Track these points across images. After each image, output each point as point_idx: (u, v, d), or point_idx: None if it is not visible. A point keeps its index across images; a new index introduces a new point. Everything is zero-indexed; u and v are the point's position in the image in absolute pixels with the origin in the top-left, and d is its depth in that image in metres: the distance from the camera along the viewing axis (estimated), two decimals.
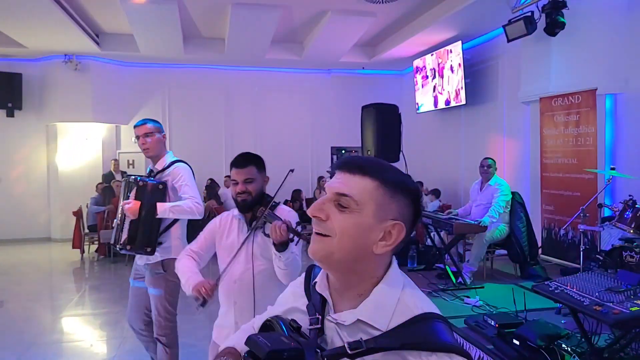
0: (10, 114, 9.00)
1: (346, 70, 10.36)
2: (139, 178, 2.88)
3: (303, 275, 1.05)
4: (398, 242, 0.87)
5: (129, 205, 2.79)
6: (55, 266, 7.96)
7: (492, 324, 2.97)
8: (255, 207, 2.07)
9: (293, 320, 0.92)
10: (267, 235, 1.93)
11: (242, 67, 10.04)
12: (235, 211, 2.16)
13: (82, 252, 7.96)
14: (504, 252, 4.99)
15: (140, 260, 2.98)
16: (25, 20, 6.73)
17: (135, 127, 2.98)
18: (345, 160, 0.90)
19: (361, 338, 0.82)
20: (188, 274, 2.10)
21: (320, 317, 0.91)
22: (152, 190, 2.84)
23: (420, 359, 0.80)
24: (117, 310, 5.16)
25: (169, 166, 2.97)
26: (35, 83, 9.12)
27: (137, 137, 2.97)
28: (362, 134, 5.95)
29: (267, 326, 0.97)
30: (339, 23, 7.47)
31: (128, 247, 2.85)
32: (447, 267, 4.43)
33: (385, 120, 5.67)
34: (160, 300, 2.92)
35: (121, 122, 9.64)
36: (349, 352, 0.80)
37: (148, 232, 2.82)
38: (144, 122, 2.98)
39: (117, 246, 2.93)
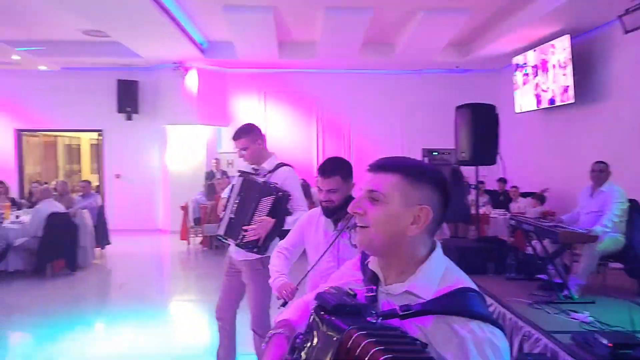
0: (128, 118, 10.00)
1: (438, 70, 10.11)
2: (270, 184, 2.88)
3: (358, 256, 1.22)
4: (428, 223, 1.01)
5: (264, 224, 2.81)
6: (165, 255, 8.74)
7: (605, 343, 2.75)
8: (341, 212, 2.18)
9: (350, 289, 1.05)
10: (355, 246, 2.00)
11: (334, 70, 10.22)
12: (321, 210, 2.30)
13: (188, 243, 8.64)
14: (620, 265, 4.56)
15: (237, 255, 3.06)
16: (142, 33, 7.43)
17: (233, 139, 3.06)
18: (370, 164, 1.08)
19: (409, 304, 0.96)
20: (276, 274, 2.28)
21: (374, 288, 1.07)
22: (285, 200, 2.89)
23: (463, 325, 0.91)
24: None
25: (275, 168, 3.03)
26: (149, 89, 10.03)
27: (238, 148, 3.05)
28: (456, 135, 5.79)
29: None
30: (431, 22, 7.31)
31: (238, 243, 2.91)
32: (550, 278, 4.16)
33: (481, 121, 5.47)
34: (258, 295, 3.04)
35: (222, 124, 10.28)
36: (399, 312, 0.94)
37: (267, 237, 2.90)
38: (238, 136, 3.03)
39: (229, 239, 2.99)
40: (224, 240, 3.08)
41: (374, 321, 0.92)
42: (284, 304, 2.15)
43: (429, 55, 8.95)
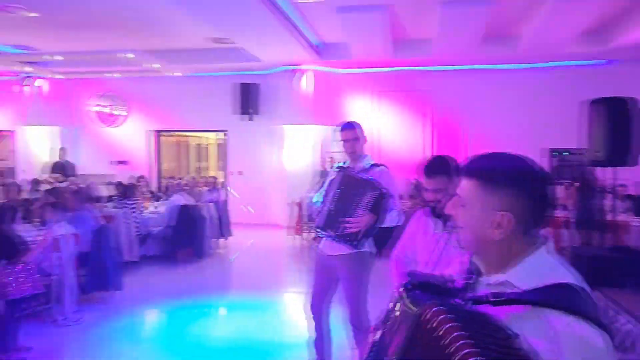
0: (250, 119, 10.67)
1: (570, 63, 9.19)
2: (374, 180, 2.93)
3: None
4: (513, 228, 0.99)
5: (365, 218, 2.87)
6: (280, 249, 9.18)
7: None
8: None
9: (450, 275, 1.11)
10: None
11: (450, 67, 9.85)
12: (428, 210, 2.23)
13: (302, 238, 8.97)
14: None
15: (330, 250, 3.09)
16: (263, 38, 7.86)
17: (342, 130, 3.13)
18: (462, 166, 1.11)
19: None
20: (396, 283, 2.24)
21: (475, 277, 1.09)
22: (387, 197, 2.94)
23: (560, 318, 0.88)
24: None
25: (370, 168, 3.07)
26: (268, 91, 10.60)
27: (344, 140, 3.12)
28: (589, 133, 5.22)
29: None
30: (562, 9, 6.66)
31: (337, 235, 2.98)
32: None
33: (620, 117, 4.87)
34: (355, 290, 3.07)
35: (335, 124, 10.48)
36: (490, 299, 0.92)
37: (366, 232, 2.96)
38: (351, 126, 3.12)
39: (328, 231, 3.04)
40: (321, 232, 3.14)
41: (461, 303, 0.93)
42: None
43: (559, 47, 8.19)
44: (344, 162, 3.25)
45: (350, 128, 3.12)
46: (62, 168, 9.62)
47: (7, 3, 6.41)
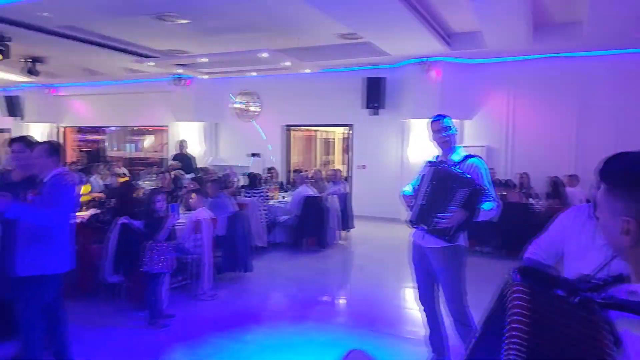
0: (375, 113, 10.71)
1: None
2: (467, 176, 2.95)
3: None
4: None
5: (458, 215, 2.91)
6: (402, 243, 9.09)
7: None
8: None
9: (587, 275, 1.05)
10: None
11: (603, 52, 8.75)
12: (592, 209, 1.95)
13: None
14: None
15: (425, 242, 3.15)
16: (392, 31, 7.81)
17: (433, 121, 3.17)
18: None
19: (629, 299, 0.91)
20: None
21: (611, 280, 1.03)
22: (481, 193, 2.96)
23: None
24: None
25: (463, 159, 3.07)
26: (394, 85, 10.52)
27: (436, 131, 3.13)
28: None
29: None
30: None
31: (429, 229, 3.01)
32: None
33: None
34: (450, 282, 3.09)
35: (464, 117, 10.02)
36: (597, 300, 0.89)
37: (459, 227, 3.00)
38: (442, 117, 3.15)
39: (421, 225, 3.09)
40: (414, 227, 3.18)
41: (562, 295, 0.90)
42: None
43: None
44: (436, 155, 3.28)
45: (440, 119, 3.15)
46: (180, 159, 10.58)
47: (163, 13, 7.29)
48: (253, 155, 11.99)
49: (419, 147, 10.23)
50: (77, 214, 4.53)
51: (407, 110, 10.27)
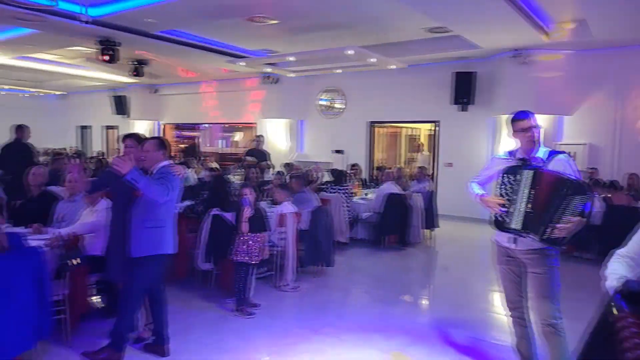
0: (463, 109, 10.33)
1: None
2: (583, 183, 2.84)
3: None
4: None
5: (577, 223, 2.71)
6: (489, 244, 8.71)
7: None
8: None
9: None
10: None
11: None
12: None
13: None
14: None
15: (520, 245, 2.99)
16: (484, 23, 7.47)
17: (519, 119, 3.03)
18: None
19: None
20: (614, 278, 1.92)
21: None
22: (593, 199, 2.87)
23: None
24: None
25: (549, 156, 2.94)
26: (485, 79, 10.06)
27: (525, 129, 2.99)
28: None
29: None
30: None
31: (542, 238, 2.82)
32: None
33: None
34: (544, 287, 2.92)
35: (563, 112, 9.33)
36: None
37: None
38: (529, 115, 3.01)
39: (530, 234, 2.89)
40: (520, 234, 2.96)
41: None
42: None
43: None
44: (509, 151, 3.19)
45: (529, 116, 3.03)
46: (256, 155, 10.81)
47: (254, 14, 7.59)
48: (336, 152, 12.11)
49: (511, 144, 9.70)
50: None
51: (498, 106, 9.77)
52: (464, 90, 10.15)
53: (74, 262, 3.80)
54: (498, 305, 5.25)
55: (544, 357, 3.11)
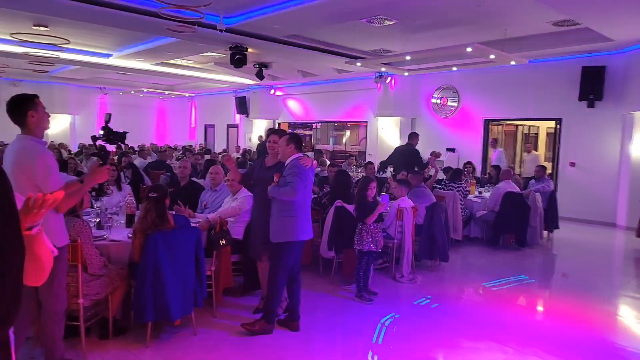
0: (590, 105, 9.65)
1: None
2: None
3: None
4: None
5: None
6: (617, 251, 8.11)
7: None
8: None
9: None
10: None
11: None
12: None
13: None
14: None
15: None
16: (616, 13, 6.97)
17: None
18: None
19: None
20: None
21: None
22: None
23: None
24: None
25: None
26: (617, 74, 9.30)
27: None
28: None
29: None
30: None
31: None
32: None
33: None
34: None
35: None
36: None
37: None
38: None
39: None
40: None
41: None
42: None
43: None
44: None
45: None
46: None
47: (371, 16, 7.87)
48: (448, 150, 11.99)
49: None
50: None
51: (633, 102, 8.99)
52: (592, 85, 9.48)
53: (221, 242, 4.40)
54: (625, 310, 4.98)
55: None
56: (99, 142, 3.16)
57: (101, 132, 3.19)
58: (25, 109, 2.88)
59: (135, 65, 13.00)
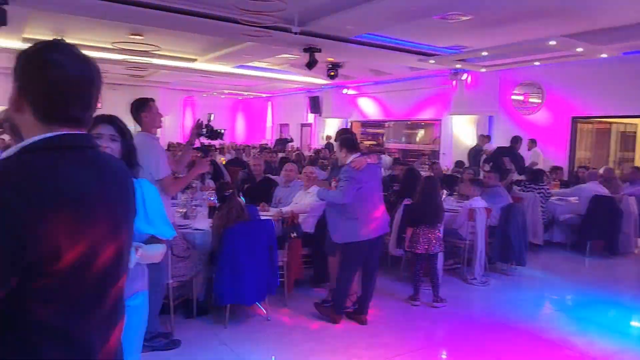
0: None
1: None
2: None
3: None
4: None
5: None
6: None
7: None
8: None
9: None
10: None
11: None
12: None
13: None
14: None
15: None
16: None
17: None
18: None
19: None
20: None
21: None
22: None
23: None
24: None
25: None
26: None
27: None
28: None
29: None
30: None
31: None
32: None
33: None
34: None
35: None
36: None
37: None
38: None
39: None
40: None
41: None
42: None
43: None
44: None
45: None
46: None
47: (446, 13, 7.66)
48: (531, 141, 11.32)
49: None
50: None
51: None
52: None
53: (293, 235, 4.53)
54: None
55: None
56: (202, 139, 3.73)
57: (203, 129, 3.70)
58: (139, 111, 3.36)
59: (217, 69, 13.74)
